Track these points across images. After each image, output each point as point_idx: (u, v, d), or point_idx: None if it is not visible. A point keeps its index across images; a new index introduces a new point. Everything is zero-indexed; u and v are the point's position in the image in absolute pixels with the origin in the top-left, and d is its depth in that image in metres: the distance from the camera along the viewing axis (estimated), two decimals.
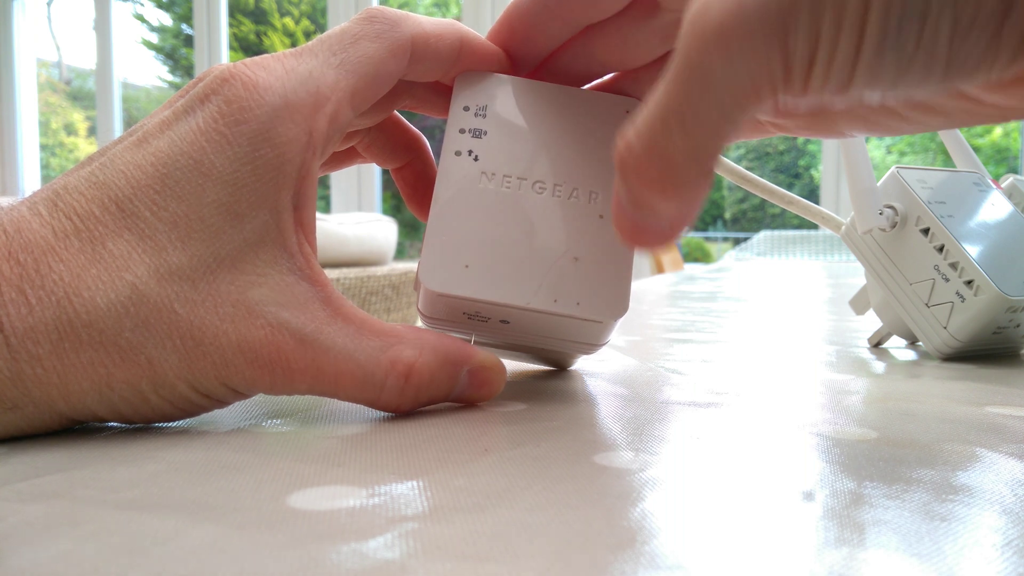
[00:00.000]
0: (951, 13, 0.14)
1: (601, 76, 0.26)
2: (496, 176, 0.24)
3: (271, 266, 0.21)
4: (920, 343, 0.37)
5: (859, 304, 0.40)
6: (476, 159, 0.24)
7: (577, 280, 0.23)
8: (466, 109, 0.25)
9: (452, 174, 0.24)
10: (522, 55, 0.25)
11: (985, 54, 0.15)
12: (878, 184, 0.35)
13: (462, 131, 0.24)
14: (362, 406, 0.23)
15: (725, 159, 0.33)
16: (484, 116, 0.25)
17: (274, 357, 0.20)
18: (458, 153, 0.24)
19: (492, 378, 0.23)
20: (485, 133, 0.24)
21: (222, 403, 0.21)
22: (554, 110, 0.25)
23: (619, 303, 0.23)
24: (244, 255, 0.20)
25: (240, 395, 0.21)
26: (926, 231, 0.33)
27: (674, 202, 0.17)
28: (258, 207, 0.20)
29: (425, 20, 0.24)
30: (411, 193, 0.29)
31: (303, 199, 0.22)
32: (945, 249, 0.33)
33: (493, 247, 0.23)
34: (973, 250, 0.32)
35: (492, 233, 0.23)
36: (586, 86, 0.26)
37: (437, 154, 0.26)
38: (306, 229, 0.22)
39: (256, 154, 0.20)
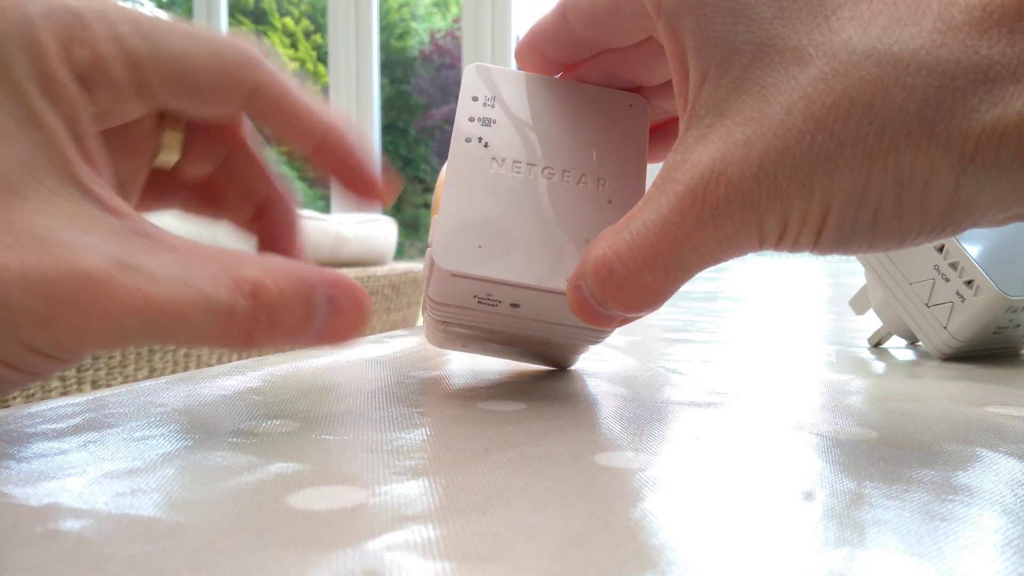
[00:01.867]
0: (896, 227, 0.17)
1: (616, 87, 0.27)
2: (506, 162, 0.24)
3: (58, 194, 0.17)
4: (920, 343, 0.37)
5: (859, 304, 0.40)
6: (486, 146, 0.24)
7: None
8: (475, 99, 0.25)
9: (462, 160, 0.24)
10: (542, 71, 0.26)
11: (935, 237, 0.17)
12: None
13: (471, 119, 0.25)
14: (361, 407, 0.23)
15: None
16: (492, 106, 0.25)
17: (81, 288, 0.16)
18: (468, 140, 0.24)
19: (354, 301, 0.20)
20: (494, 122, 0.25)
21: (28, 373, 0.17)
22: (561, 103, 0.25)
23: None
24: (22, 178, 0.17)
25: (49, 357, 0.17)
26: None
27: (640, 312, 0.20)
28: (23, 123, 0.17)
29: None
30: (272, 242, 0.26)
31: (81, 128, 0.18)
32: (945, 249, 0.33)
33: (505, 229, 0.24)
34: (973, 250, 0.32)
35: (504, 215, 0.24)
36: None
37: (439, 153, 0.26)
38: (98, 168, 0.19)
39: (6, 60, 0.17)
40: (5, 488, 0.15)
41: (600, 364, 0.32)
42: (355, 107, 2.70)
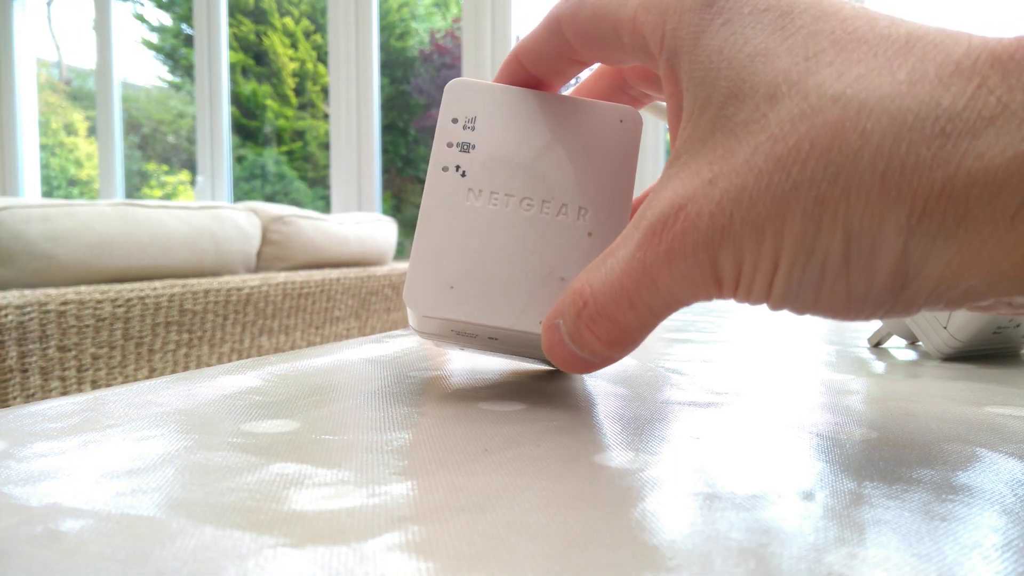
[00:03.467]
0: (843, 288, 0.16)
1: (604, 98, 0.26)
2: (483, 193, 0.24)
3: None
4: (920, 343, 0.37)
5: None
6: (463, 175, 0.24)
7: None
8: (455, 121, 0.24)
9: (438, 190, 0.24)
10: (530, 85, 0.25)
11: (886, 311, 0.17)
12: None
13: (450, 144, 0.24)
14: (361, 407, 0.23)
15: None
16: (473, 129, 0.24)
17: None
18: (445, 168, 0.24)
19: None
20: (473, 147, 0.24)
21: None
22: (547, 121, 0.24)
23: None
24: None
25: None
26: None
27: (612, 351, 0.20)
28: None
29: None
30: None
31: None
32: None
33: (479, 267, 0.23)
34: None
35: (478, 252, 0.23)
36: None
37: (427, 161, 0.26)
38: None
39: None
40: (5, 488, 0.15)
41: None
42: (355, 107, 2.71)
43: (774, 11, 0.18)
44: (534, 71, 0.24)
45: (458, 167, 0.24)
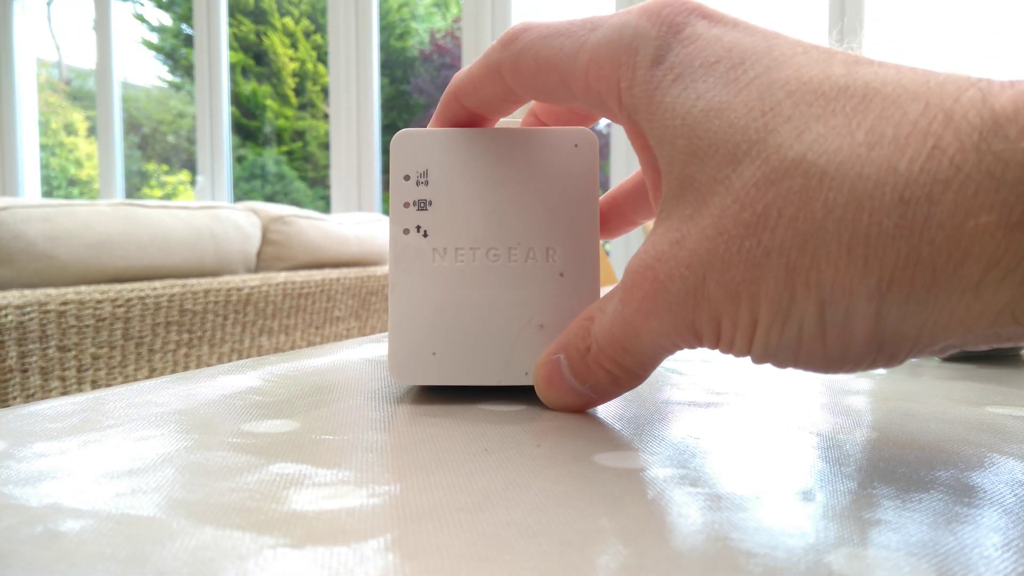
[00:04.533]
0: (821, 350, 0.16)
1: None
2: (448, 251, 0.23)
3: None
4: None
5: None
6: (425, 235, 0.23)
7: (544, 348, 0.23)
8: (407, 178, 0.24)
9: (403, 255, 0.23)
10: (471, 121, 0.24)
11: (869, 366, 0.17)
12: None
13: (407, 204, 0.24)
14: (361, 407, 0.23)
15: None
16: (426, 183, 0.24)
17: None
18: (406, 231, 0.23)
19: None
20: (430, 203, 0.24)
21: None
22: (500, 160, 0.24)
23: None
24: None
25: None
26: None
27: (610, 388, 0.21)
28: None
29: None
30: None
31: None
32: None
33: (457, 330, 0.23)
34: None
35: (454, 315, 0.23)
36: None
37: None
38: None
39: None
40: (5, 488, 0.15)
41: None
42: (355, 107, 2.70)
43: (725, 63, 0.17)
44: (475, 110, 0.24)
45: (419, 227, 0.24)
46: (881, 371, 0.31)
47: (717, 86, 0.17)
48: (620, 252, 2.64)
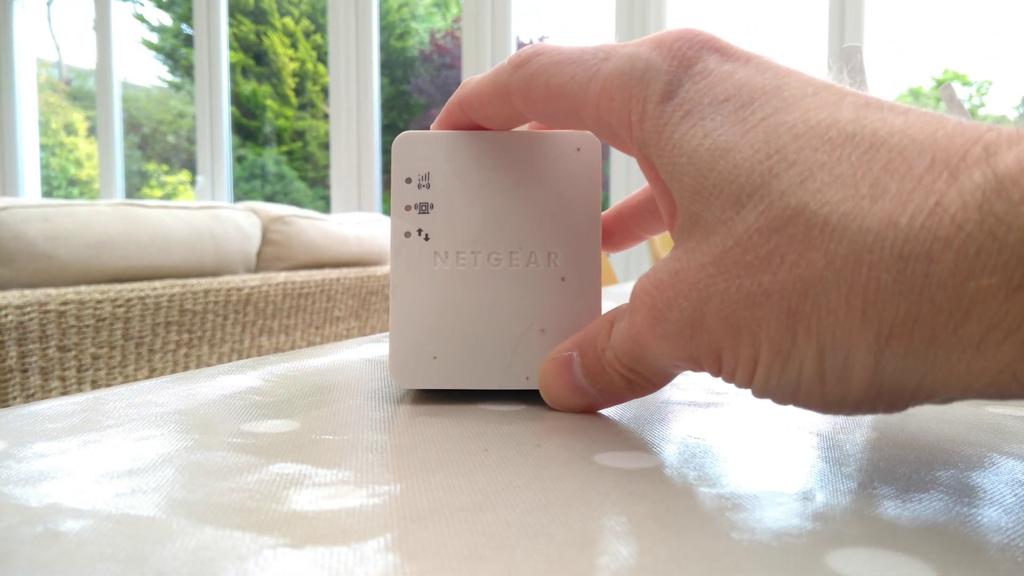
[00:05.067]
0: (819, 393, 0.16)
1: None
2: (449, 255, 0.23)
3: None
4: None
5: None
6: (426, 239, 0.23)
7: (546, 353, 0.23)
8: (408, 181, 0.23)
9: (405, 259, 0.23)
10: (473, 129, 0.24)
11: (868, 411, 0.17)
12: None
13: (408, 208, 0.23)
14: (361, 407, 0.23)
15: None
16: (428, 186, 0.23)
17: None
18: (407, 235, 0.23)
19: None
20: (432, 207, 0.23)
21: None
22: (502, 164, 0.24)
23: None
24: None
25: None
26: None
27: (624, 392, 0.21)
28: None
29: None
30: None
31: None
32: None
33: (458, 333, 0.23)
34: None
35: (455, 318, 0.23)
36: None
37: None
38: None
39: None
40: (5, 488, 0.15)
41: None
42: (355, 107, 2.70)
43: (734, 102, 0.17)
44: (480, 124, 0.23)
45: (420, 231, 0.23)
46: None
47: (725, 125, 0.17)
48: (620, 254, 2.64)
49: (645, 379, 0.21)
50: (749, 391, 0.18)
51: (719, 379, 0.18)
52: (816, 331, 0.15)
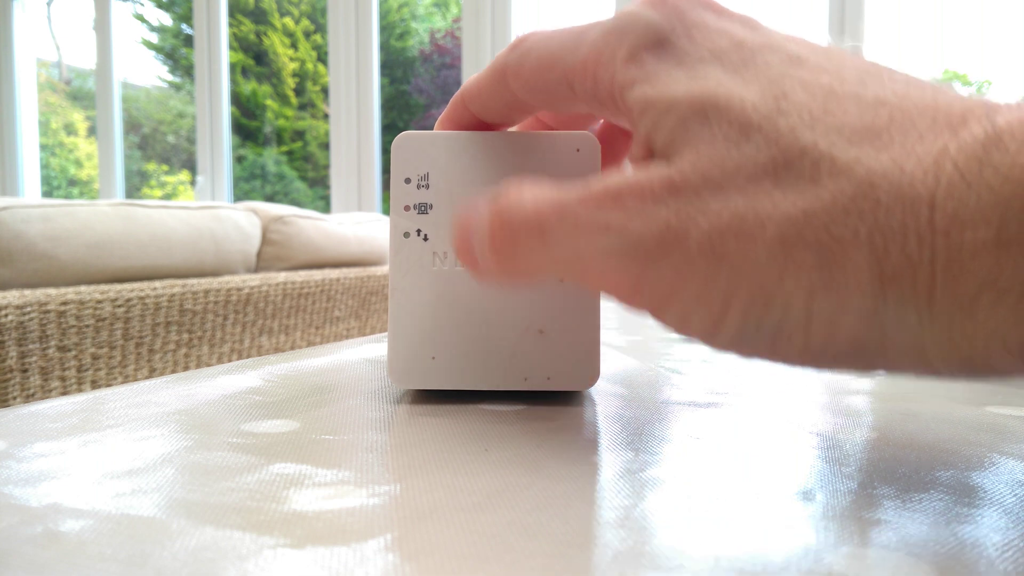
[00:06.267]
0: (801, 340, 0.15)
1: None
2: (448, 255, 0.23)
3: None
4: None
5: None
6: (425, 239, 0.23)
7: (544, 354, 0.23)
8: (407, 181, 0.24)
9: (404, 259, 0.23)
10: (476, 128, 0.24)
11: (839, 369, 0.16)
12: None
13: (407, 208, 0.24)
14: (361, 407, 0.23)
15: None
16: (427, 187, 0.24)
17: None
18: (407, 235, 0.23)
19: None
20: (431, 207, 0.23)
21: None
22: (501, 164, 0.24)
23: (589, 370, 0.24)
24: None
25: None
26: None
27: (503, 266, 0.18)
28: None
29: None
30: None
31: None
32: None
33: (457, 333, 0.23)
34: None
35: (453, 318, 0.23)
36: None
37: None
38: None
39: None
40: (5, 488, 0.15)
41: (600, 364, 0.31)
42: (355, 107, 2.71)
43: (734, 54, 0.17)
44: (481, 116, 0.23)
45: (419, 231, 0.23)
46: (881, 371, 0.31)
47: (725, 73, 0.17)
48: None
49: (522, 263, 0.18)
50: (700, 339, 0.16)
51: (645, 314, 0.17)
52: (814, 267, 0.15)
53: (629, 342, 0.38)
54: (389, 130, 2.89)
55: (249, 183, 3.83)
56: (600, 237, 0.16)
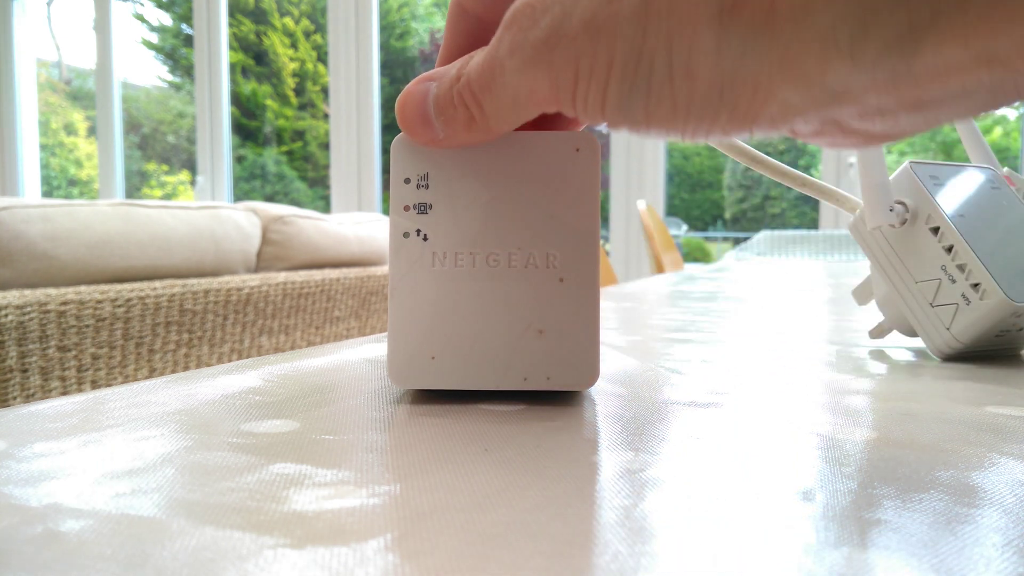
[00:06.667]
0: (669, 94, 0.17)
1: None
2: (448, 256, 0.23)
3: None
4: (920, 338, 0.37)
5: (861, 295, 0.40)
6: (425, 239, 0.23)
7: (544, 354, 0.23)
8: (407, 181, 0.24)
9: (403, 259, 0.24)
10: (476, 34, 0.24)
11: (712, 124, 0.17)
12: (890, 178, 0.34)
13: (407, 208, 0.24)
14: (361, 407, 0.23)
15: (739, 141, 0.32)
16: (427, 187, 0.24)
17: None
18: (406, 235, 0.23)
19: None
20: (430, 207, 0.24)
21: None
22: (501, 164, 0.24)
23: (589, 370, 0.24)
24: None
25: None
26: (935, 230, 0.33)
27: (461, 132, 0.21)
28: None
29: None
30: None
31: None
32: (954, 250, 0.32)
33: (456, 334, 0.23)
34: (982, 253, 0.32)
35: (453, 318, 0.23)
36: None
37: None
38: None
39: None
40: (5, 488, 0.15)
41: (600, 364, 0.31)
42: (355, 107, 2.71)
43: None
44: (476, 12, 0.24)
45: (419, 231, 0.23)
46: (880, 372, 0.31)
47: None
48: (620, 254, 2.65)
49: (484, 116, 0.21)
50: (603, 120, 0.18)
51: (570, 112, 0.19)
52: (665, 14, 0.16)
53: (629, 342, 0.38)
54: (389, 130, 2.89)
55: (249, 183, 3.83)
56: (511, 59, 0.19)
